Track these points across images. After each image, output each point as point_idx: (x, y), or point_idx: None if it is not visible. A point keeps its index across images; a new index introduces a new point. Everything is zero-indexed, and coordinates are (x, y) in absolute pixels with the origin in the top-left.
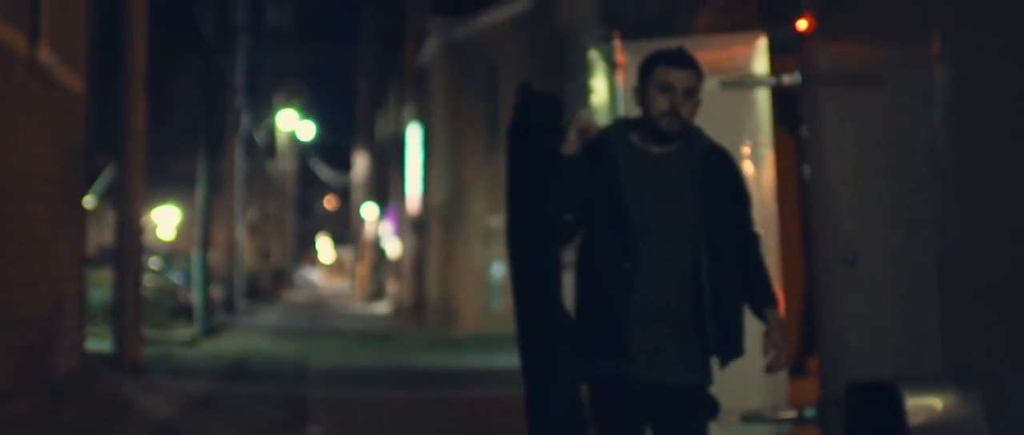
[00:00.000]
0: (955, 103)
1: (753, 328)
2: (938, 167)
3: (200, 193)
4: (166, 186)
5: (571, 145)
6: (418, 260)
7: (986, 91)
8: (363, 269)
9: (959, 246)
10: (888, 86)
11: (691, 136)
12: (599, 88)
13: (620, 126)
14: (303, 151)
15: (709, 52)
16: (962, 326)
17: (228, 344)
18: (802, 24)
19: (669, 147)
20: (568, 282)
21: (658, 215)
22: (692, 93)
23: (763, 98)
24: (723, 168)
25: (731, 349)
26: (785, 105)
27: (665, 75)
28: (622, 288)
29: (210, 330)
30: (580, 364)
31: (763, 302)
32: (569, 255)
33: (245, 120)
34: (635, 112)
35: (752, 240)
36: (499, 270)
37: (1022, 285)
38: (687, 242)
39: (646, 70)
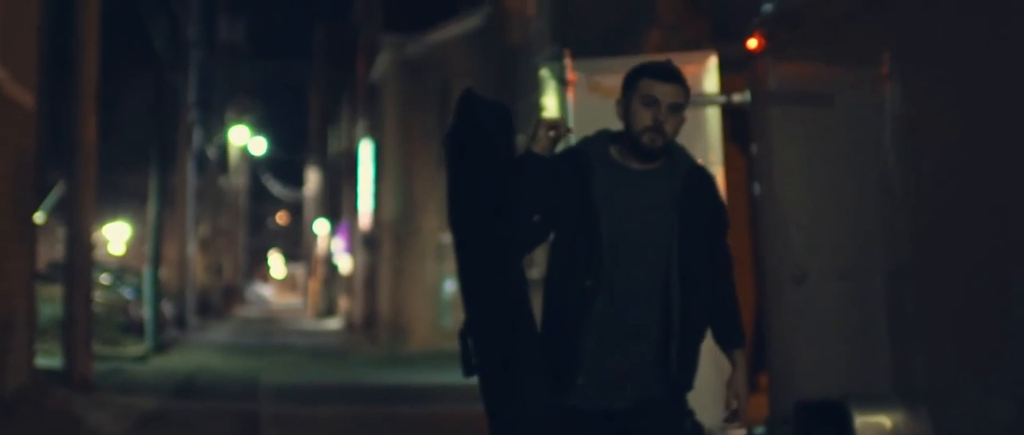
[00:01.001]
0: (904, 122)
1: (705, 345)
2: (887, 185)
3: (151, 209)
4: (117, 202)
5: (542, 142)
6: (370, 276)
7: (934, 111)
8: (315, 285)
9: (907, 264)
10: (838, 105)
11: (674, 154)
12: (550, 106)
13: (601, 138)
14: (255, 166)
15: None
16: (909, 344)
17: (179, 360)
18: (752, 43)
19: (650, 164)
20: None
21: (631, 234)
22: (677, 109)
23: (714, 116)
24: (705, 191)
25: (685, 383)
26: (736, 122)
27: (650, 88)
28: (580, 306)
29: (161, 346)
30: (547, 390)
31: (732, 341)
32: (535, 271)
33: (197, 136)
34: (586, 131)
35: (728, 271)
36: (451, 286)
37: (968, 303)
38: (659, 265)
39: (630, 83)
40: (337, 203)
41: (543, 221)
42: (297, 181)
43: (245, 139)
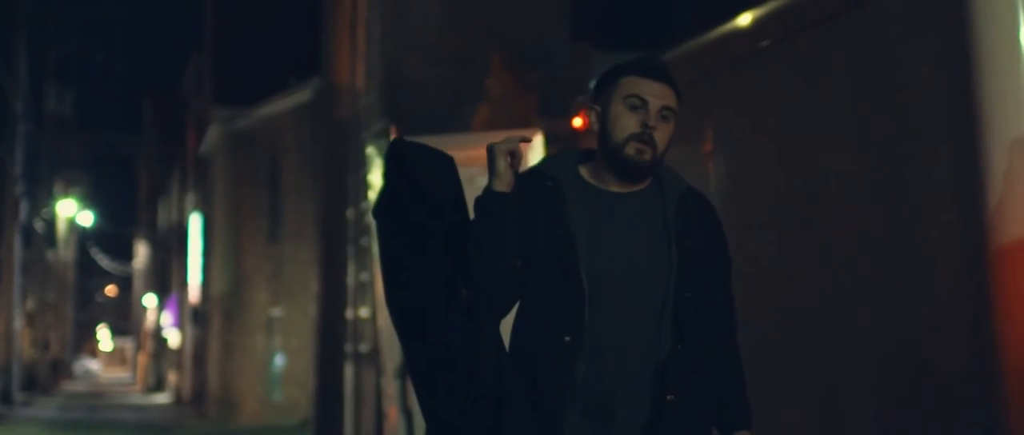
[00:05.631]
0: (726, 197)
1: None
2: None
3: None
4: None
5: (504, 176)
6: (199, 350)
7: (752, 187)
8: (144, 359)
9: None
10: None
11: (662, 175)
12: (378, 183)
13: (567, 156)
14: (84, 240)
15: (483, 149)
16: None
17: None
18: (577, 121)
19: (634, 185)
20: None
21: (617, 274)
22: (668, 116)
23: None
24: (704, 219)
25: None
26: None
27: (637, 87)
28: (558, 367)
29: None
30: None
31: (736, 418)
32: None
33: (24, 209)
34: None
35: (731, 323)
36: (281, 361)
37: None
38: (651, 313)
39: (609, 82)
40: (166, 277)
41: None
42: (126, 254)
43: (73, 212)
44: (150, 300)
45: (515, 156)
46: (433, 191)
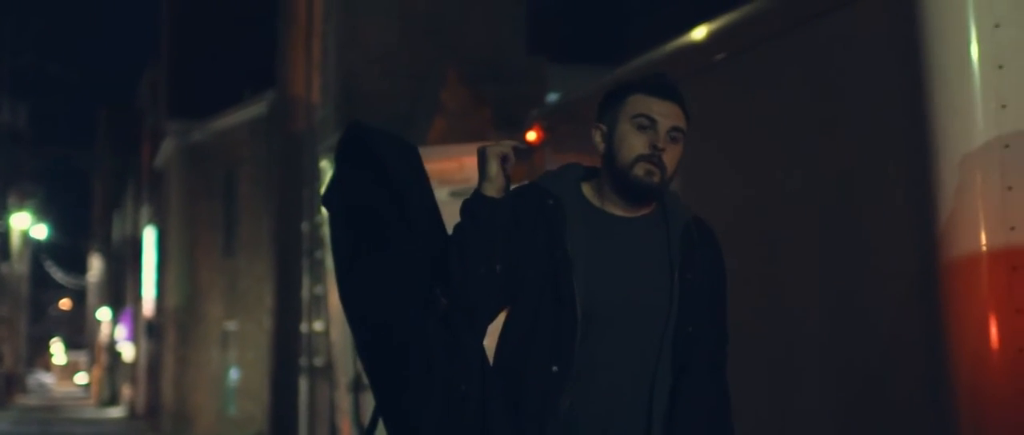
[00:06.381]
0: None
1: None
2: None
3: None
4: None
5: (495, 180)
6: (153, 364)
7: (707, 204)
8: (98, 373)
9: None
10: None
11: (667, 201)
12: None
13: (569, 173)
14: (38, 253)
15: (438, 162)
16: None
17: None
18: (532, 135)
19: (638, 210)
20: None
21: (614, 303)
22: (677, 137)
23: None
24: (708, 252)
25: None
26: None
27: (645, 107)
28: (543, 397)
29: None
30: None
31: None
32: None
33: None
34: None
35: (723, 356)
36: (236, 374)
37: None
38: (648, 346)
39: (615, 101)
40: (121, 290)
41: (505, 273)
42: (80, 268)
43: (27, 225)
44: (104, 313)
45: (508, 161)
46: (398, 176)
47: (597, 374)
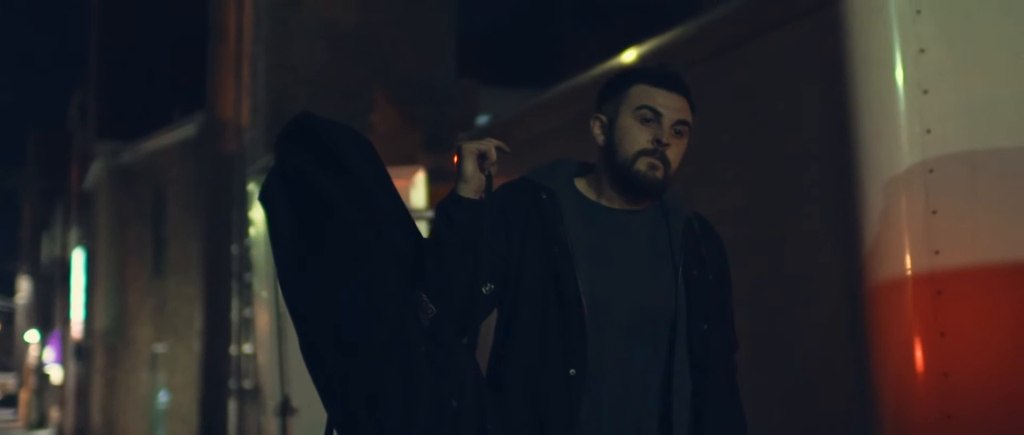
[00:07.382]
0: None
1: None
2: None
3: None
4: None
5: (472, 179)
6: (82, 386)
7: None
8: (25, 395)
9: None
10: None
11: (665, 198)
12: (259, 220)
13: (561, 168)
14: None
15: None
16: None
17: None
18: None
19: (638, 204)
20: None
21: (621, 300)
22: (683, 131)
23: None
24: (711, 248)
25: None
26: None
27: (649, 98)
28: (566, 403)
29: None
30: None
31: None
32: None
33: None
34: None
35: (732, 366)
36: (165, 397)
37: None
38: (660, 344)
39: (616, 90)
40: (49, 312)
41: (493, 292)
42: (8, 290)
43: None
44: (33, 336)
45: (486, 159)
46: (355, 163)
47: (606, 373)
